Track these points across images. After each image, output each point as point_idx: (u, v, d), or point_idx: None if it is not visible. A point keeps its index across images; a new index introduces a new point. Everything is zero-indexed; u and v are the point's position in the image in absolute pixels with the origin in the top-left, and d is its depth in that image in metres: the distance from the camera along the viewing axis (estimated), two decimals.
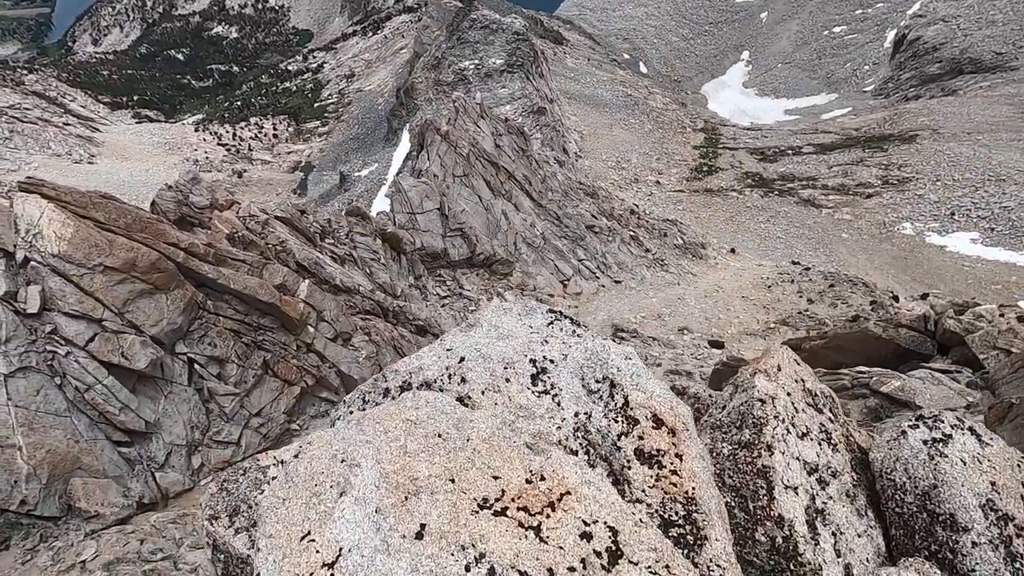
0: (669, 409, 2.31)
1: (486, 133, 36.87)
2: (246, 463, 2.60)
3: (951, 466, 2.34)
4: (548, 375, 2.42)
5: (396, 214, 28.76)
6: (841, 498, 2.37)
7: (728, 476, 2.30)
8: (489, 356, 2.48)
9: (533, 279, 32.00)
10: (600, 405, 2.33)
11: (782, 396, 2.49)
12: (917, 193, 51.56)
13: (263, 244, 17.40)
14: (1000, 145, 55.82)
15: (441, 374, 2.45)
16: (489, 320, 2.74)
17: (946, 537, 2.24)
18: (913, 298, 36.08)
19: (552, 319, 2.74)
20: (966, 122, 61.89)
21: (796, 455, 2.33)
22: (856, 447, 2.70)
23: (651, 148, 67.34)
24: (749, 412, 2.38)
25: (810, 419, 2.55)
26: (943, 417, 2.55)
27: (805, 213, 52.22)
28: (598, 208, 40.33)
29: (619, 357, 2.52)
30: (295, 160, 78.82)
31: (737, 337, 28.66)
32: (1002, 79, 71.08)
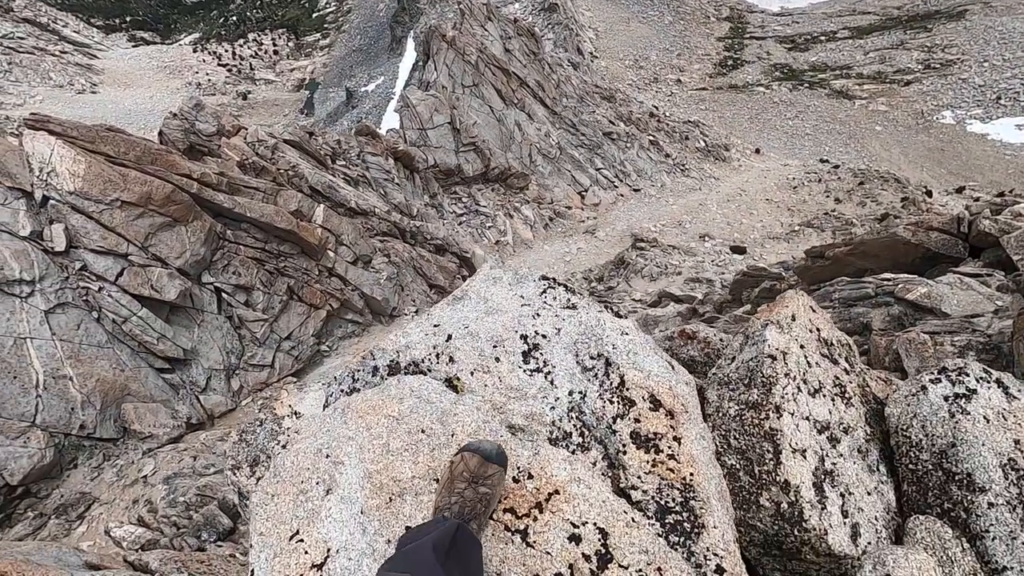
0: (668, 390, 2.21)
1: (494, 37, 34.75)
2: (263, 415, 2.68)
3: (972, 424, 2.25)
4: (540, 351, 2.31)
5: (406, 131, 27.98)
6: (852, 454, 2.31)
7: (734, 438, 2.21)
8: (477, 334, 2.36)
9: (550, 191, 31.41)
10: (595, 384, 2.23)
11: (795, 350, 2.37)
12: (961, 77, 47.84)
13: (275, 170, 17.26)
14: None
15: (429, 353, 2.35)
16: (478, 291, 2.59)
17: (961, 496, 2.19)
18: (947, 192, 34.59)
19: (545, 287, 2.59)
20: None
21: (806, 415, 2.25)
22: (872, 398, 2.59)
23: (671, 43, 62.91)
24: (759, 369, 2.26)
25: (824, 373, 2.44)
26: (968, 369, 2.42)
27: (837, 106, 49.20)
28: (615, 113, 38.55)
29: (615, 332, 2.39)
30: (299, 78, 75.98)
31: (760, 242, 28.18)
32: None
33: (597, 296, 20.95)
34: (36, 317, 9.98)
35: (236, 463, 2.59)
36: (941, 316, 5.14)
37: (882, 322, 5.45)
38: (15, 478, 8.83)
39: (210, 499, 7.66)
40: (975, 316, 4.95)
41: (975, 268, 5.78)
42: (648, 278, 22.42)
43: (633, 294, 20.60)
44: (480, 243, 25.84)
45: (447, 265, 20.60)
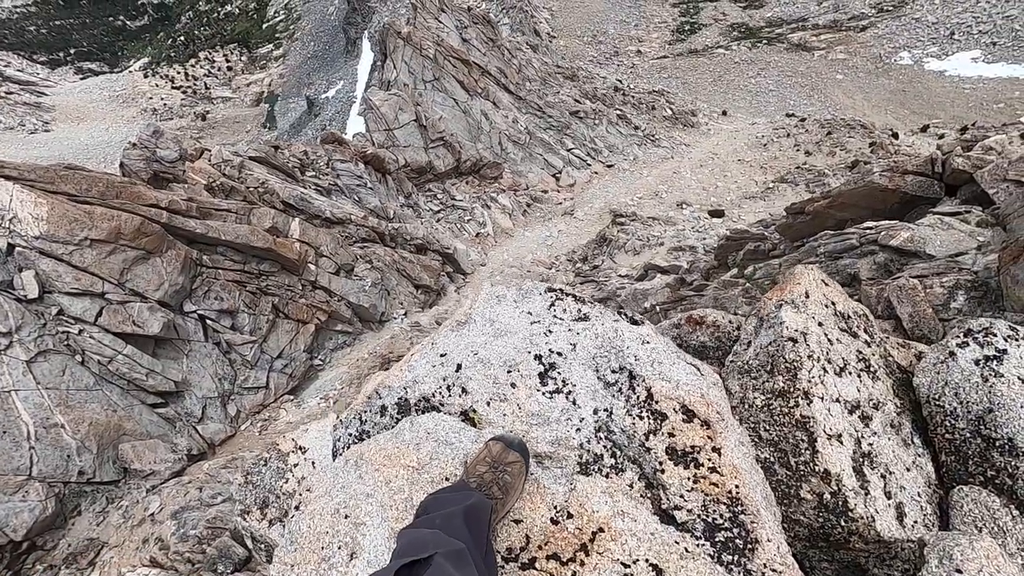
0: (700, 398, 2.07)
1: (450, 28, 34.31)
2: (266, 453, 2.56)
3: (1008, 387, 2.15)
4: (558, 370, 2.18)
5: (373, 133, 27.62)
6: (886, 430, 2.22)
7: (764, 430, 2.11)
8: (488, 360, 2.23)
9: (524, 177, 31.26)
10: (621, 400, 2.10)
11: (814, 329, 2.27)
12: (914, 17, 48.32)
13: (244, 189, 16.95)
14: None
15: (439, 386, 2.21)
16: (483, 314, 2.45)
17: (1004, 463, 2.08)
18: (913, 132, 35.04)
19: (553, 299, 2.44)
20: None
21: (836, 396, 2.15)
22: (896, 367, 2.50)
23: (627, 14, 62.67)
24: (780, 355, 2.14)
25: (846, 349, 2.33)
26: (995, 329, 2.33)
27: (797, 59, 49.47)
28: (580, 91, 38.38)
29: (635, 342, 2.25)
30: (257, 91, 74.59)
31: (737, 203, 28.34)
32: None
33: (583, 277, 20.98)
34: (18, 368, 9.73)
35: (245, 507, 2.47)
36: (926, 258, 5.20)
37: (870, 271, 5.49)
38: (18, 534, 8.66)
39: (222, 530, 7.57)
40: (959, 255, 5.00)
41: (953, 207, 5.84)
42: (632, 252, 22.47)
43: (619, 270, 20.64)
44: (461, 237, 25.70)
45: (430, 264, 20.47)
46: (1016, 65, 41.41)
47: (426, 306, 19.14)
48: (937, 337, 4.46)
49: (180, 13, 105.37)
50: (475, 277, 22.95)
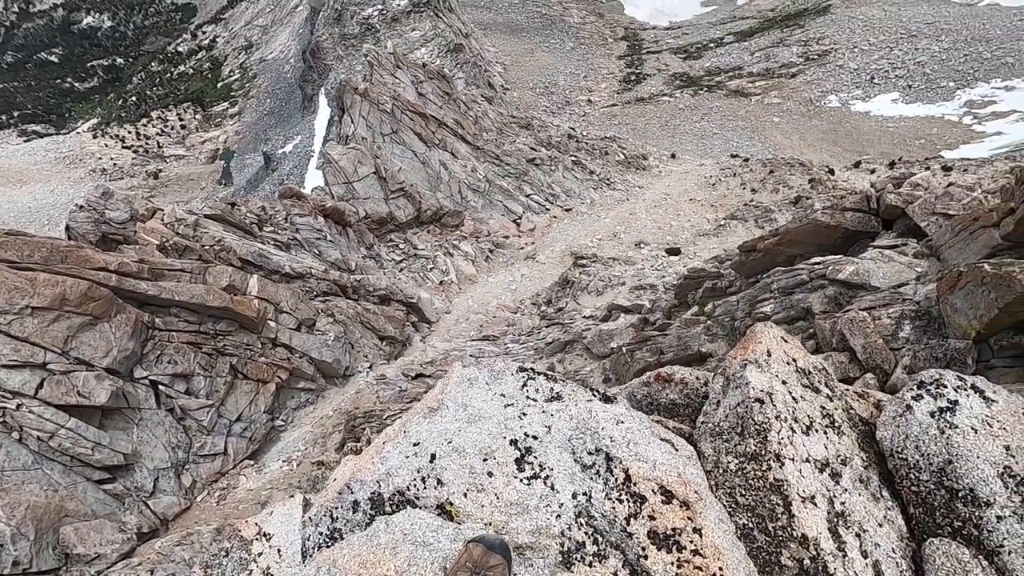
0: (677, 478, 2.07)
1: (406, 83, 35.19)
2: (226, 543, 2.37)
3: (963, 437, 2.22)
4: (534, 455, 2.14)
5: (332, 187, 27.62)
6: (856, 486, 2.25)
7: (740, 495, 2.12)
8: (463, 448, 2.17)
9: (485, 224, 31.65)
10: (599, 483, 2.08)
11: (779, 388, 2.31)
12: (837, 64, 52.41)
13: (199, 247, 16.55)
14: (908, 1, 56.67)
15: (413, 478, 2.13)
16: (455, 398, 2.38)
17: (968, 513, 2.12)
18: (847, 168, 37.38)
19: (525, 379, 2.41)
20: None
21: (806, 456, 2.18)
22: (858, 419, 2.56)
23: (576, 67, 65.79)
24: (749, 416, 2.18)
25: (810, 405, 2.39)
26: (945, 381, 2.40)
27: (736, 104, 52.63)
28: (535, 139, 39.61)
29: (610, 423, 2.25)
30: (212, 148, 74.05)
31: (692, 240, 29.32)
32: None
33: (549, 319, 21.08)
34: None
35: None
36: (872, 290, 5.47)
37: (821, 304, 5.72)
38: None
39: None
40: (901, 285, 5.29)
41: (891, 240, 6.22)
42: (595, 293, 22.80)
43: (583, 311, 20.85)
44: (424, 286, 25.59)
45: (394, 314, 20.23)
46: (931, 105, 45.16)
47: (391, 357, 18.79)
48: (890, 367, 4.65)
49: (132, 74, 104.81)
50: (440, 325, 22.75)
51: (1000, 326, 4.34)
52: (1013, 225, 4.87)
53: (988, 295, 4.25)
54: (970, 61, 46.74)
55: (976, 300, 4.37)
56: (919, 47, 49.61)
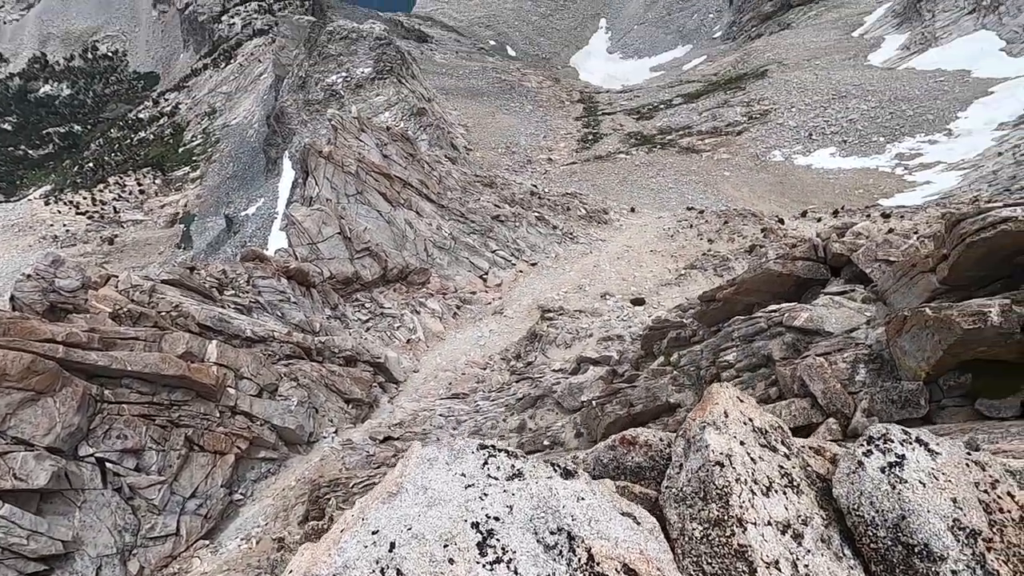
0: (639, 555, 2.06)
1: (370, 145, 35.88)
2: None
3: (913, 492, 2.27)
4: (496, 537, 2.11)
5: (296, 248, 27.41)
6: (818, 546, 2.27)
7: (707, 563, 2.11)
8: (423, 535, 2.12)
9: (452, 280, 31.74)
10: (562, 564, 2.05)
11: (738, 451, 2.37)
12: (778, 122, 56.17)
13: (155, 314, 16.00)
14: (836, 66, 61.88)
15: (372, 569, 2.04)
16: (414, 480, 2.35)
17: (925, 568, 2.15)
18: (795, 217, 39.41)
19: (486, 456, 2.39)
20: (804, 51, 68.01)
21: (767, 519, 2.21)
22: (816, 476, 2.61)
23: (536, 128, 68.54)
24: (710, 480, 2.22)
25: (769, 465, 2.44)
26: (892, 435, 2.49)
27: (688, 160, 55.40)
28: (499, 196, 40.56)
29: (571, 500, 2.25)
30: (171, 213, 72.99)
31: (655, 290, 29.99)
32: (824, 7, 78.69)
33: (519, 374, 20.93)
34: None
35: None
36: (826, 335, 5.69)
37: (781, 351, 5.90)
38: None
39: None
40: (853, 330, 5.52)
41: (840, 287, 6.54)
42: (563, 346, 22.87)
43: (552, 364, 20.81)
44: (391, 345, 25.19)
45: (361, 375, 19.75)
46: (865, 158, 48.58)
47: (358, 420, 18.19)
48: (850, 411, 4.79)
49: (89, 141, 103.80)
50: (408, 385, 22.29)
51: (946, 367, 4.55)
52: (948, 270, 5.21)
53: (932, 338, 4.47)
54: (896, 118, 50.85)
55: (922, 343, 4.59)
56: (849, 106, 53.82)
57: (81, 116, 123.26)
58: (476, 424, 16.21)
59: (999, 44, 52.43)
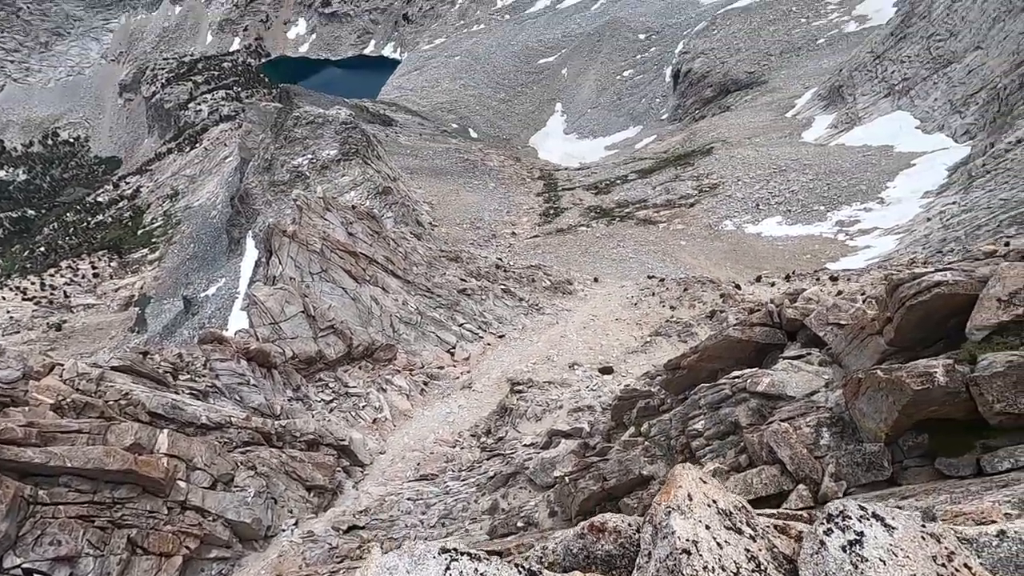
0: None
1: (335, 224, 36.20)
2: None
3: (874, 571, 2.27)
4: None
5: (257, 328, 26.73)
6: None
7: None
8: None
9: (419, 356, 31.28)
10: None
11: (703, 536, 2.37)
12: (727, 194, 59.63)
13: (102, 403, 15.10)
14: (774, 143, 67.02)
15: None
16: None
17: None
18: (751, 282, 41.03)
19: (448, 561, 2.32)
20: (744, 130, 73.62)
21: None
22: (783, 558, 2.60)
23: (499, 203, 70.74)
24: (678, 570, 2.21)
25: (735, 549, 2.43)
26: (849, 512, 2.50)
27: (646, 231, 57.71)
28: (465, 270, 41.01)
29: None
30: (126, 296, 70.69)
31: (622, 358, 30.20)
32: (760, 91, 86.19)
33: (489, 451, 20.33)
34: None
35: None
36: (788, 400, 5.81)
37: (747, 417, 5.98)
38: None
39: None
40: (813, 393, 5.67)
41: (797, 351, 6.77)
42: (534, 419, 22.49)
43: (523, 439, 20.35)
44: (357, 426, 24.27)
45: (324, 460, 18.82)
46: (809, 225, 51.69)
47: (320, 509, 17.13)
48: (818, 476, 4.83)
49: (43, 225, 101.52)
50: (375, 468, 21.31)
51: (904, 427, 4.69)
52: (894, 332, 5.48)
53: (887, 399, 4.62)
54: (832, 189, 54.75)
55: (878, 404, 4.74)
56: (790, 179, 57.83)
57: (36, 201, 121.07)
58: (446, 507, 15.48)
59: (914, 123, 58.00)
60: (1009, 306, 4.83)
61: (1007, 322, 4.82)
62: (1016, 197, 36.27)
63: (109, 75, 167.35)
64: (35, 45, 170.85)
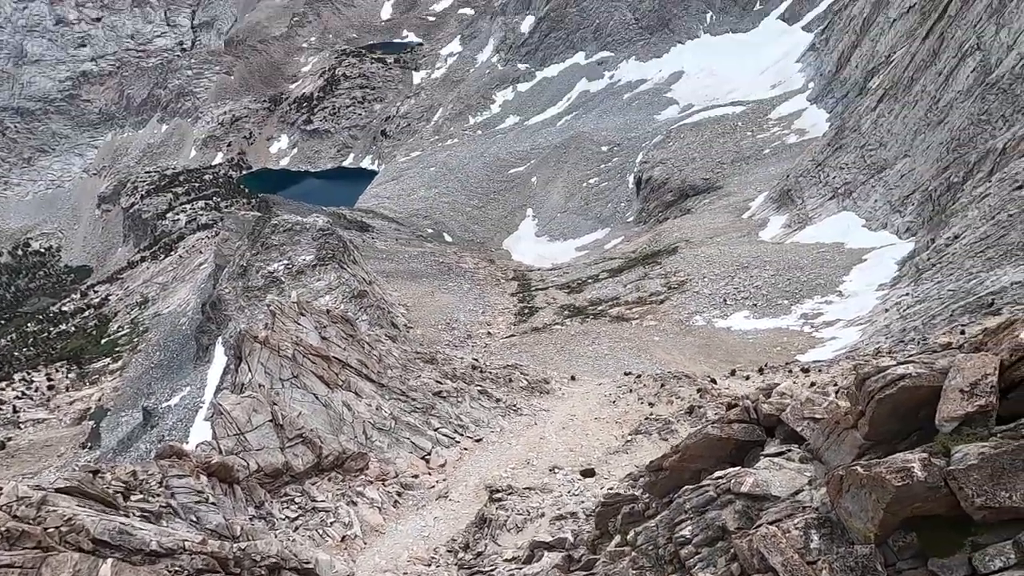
0: None
1: (309, 328, 35.83)
2: None
3: None
4: None
5: (221, 440, 25.34)
6: None
7: None
8: None
9: (392, 464, 29.80)
10: None
11: None
12: (694, 290, 61.63)
13: (40, 531, 13.76)
14: (734, 242, 70.78)
15: None
16: None
17: None
18: (725, 376, 41.26)
19: None
20: (705, 231, 77.87)
21: None
22: None
23: (474, 304, 71.48)
24: None
25: None
26: None
27: (620, 328, 58.50)
28: (441, 372, 40.40)
29: None
30: (81, 409, 66.93)
31: (604, 459, 29.33)
32: (716, 195, 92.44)
33: (468, 568, 18.90)
34: None
35: None
36: (774, 500, 5.68)
37: (735, 521, 5.78)
38: None
39: None
40: (798, 492, 5.57)
41: (777, 447, 6.73)
42: (515, 530, 21.23)
43: (504, 554, 19.06)
44: (324, 545, 22.42)
45: None
46: (776, 318, 53.28)
47: None
48: None
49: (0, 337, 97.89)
50: None
51: (891, 526, 4.59)
52: (868, 427, 5.53)
53: (870, 497, 4.57)
54: (793, 283, 57.20)
55: (863, 502, 4.67)
56: (753, 275, 60.39)
57: None
58: None
59: (860, 221, 62.32)
60: (972, 397, 4.97)
61: (973, 413, 4.94)
62: (962, 288, 38.40)
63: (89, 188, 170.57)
64: (17, 160, 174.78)
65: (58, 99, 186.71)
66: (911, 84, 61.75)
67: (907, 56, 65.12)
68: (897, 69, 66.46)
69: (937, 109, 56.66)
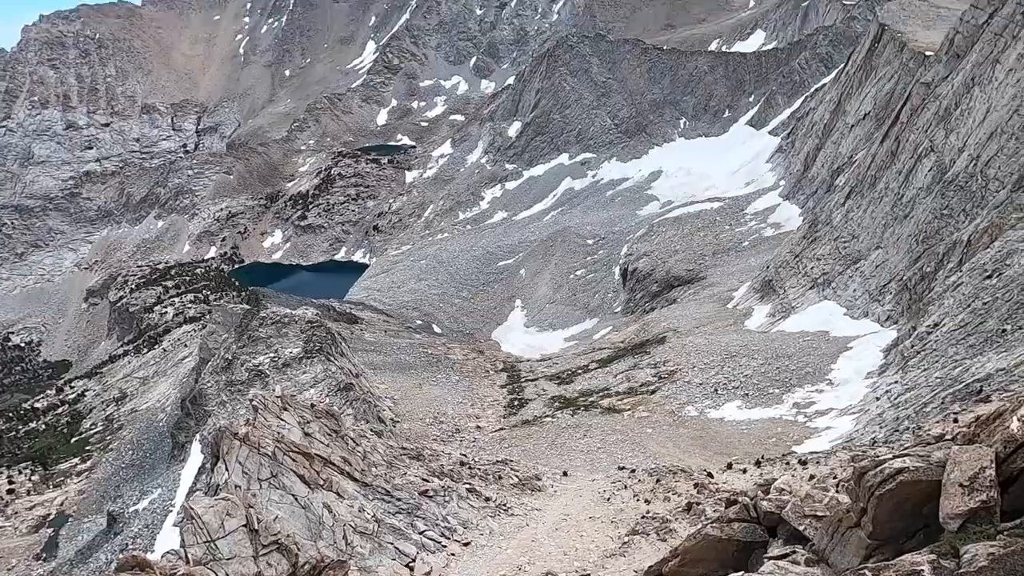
0: None
1: (292, 424, 34.63)
2: None
3: None
4: None
5: (189, 548, 23.48)
6: None
7: None
8: None
9: (373, 573, 27.66)
10: None
11: None
12: (685, 380, 61.15)
13: None
14: (720, 331, 71.46)
15: None
16: None
17: None
18: (722, 470, 39.90)
19: None
20: (692, 320, 78.80)
21: None
22: None
23: (463, 397, 70.03)
24: None
25: None
26: None
27: (612, 420, 57.20)
28: (427, 469, 38.74)
29: None
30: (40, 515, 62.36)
31: (600, 563, 27.61)
32: (700, 285, 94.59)
33: None
34: None
35: None
36: None
37: None
38: None
39: None
40: None
41: (780, 548, 6.43)
42: None
43: None
44: None
45: None
46: (768, 408, 52.60)
47: None
48: None
49: None
50: None
51: None
52: (872, 525, 5.35)
53: None
54: (783, 372, 57.09)
55: None
56: (741, 364, 60.35)
57: None
58: None
59: (842, 310, 63.58)
60: (972, 491, 4.88)
61: (976, 508, 4.83)
62: (949, 375, 38.58)
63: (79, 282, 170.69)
64: (10, 256, 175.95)
65: (59, 197, 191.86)
66: (875, 181, 65.83)
67: (868, 157, 69.98)
68: (860, 168, 71.14)
69: (902, 204, 60.02)
